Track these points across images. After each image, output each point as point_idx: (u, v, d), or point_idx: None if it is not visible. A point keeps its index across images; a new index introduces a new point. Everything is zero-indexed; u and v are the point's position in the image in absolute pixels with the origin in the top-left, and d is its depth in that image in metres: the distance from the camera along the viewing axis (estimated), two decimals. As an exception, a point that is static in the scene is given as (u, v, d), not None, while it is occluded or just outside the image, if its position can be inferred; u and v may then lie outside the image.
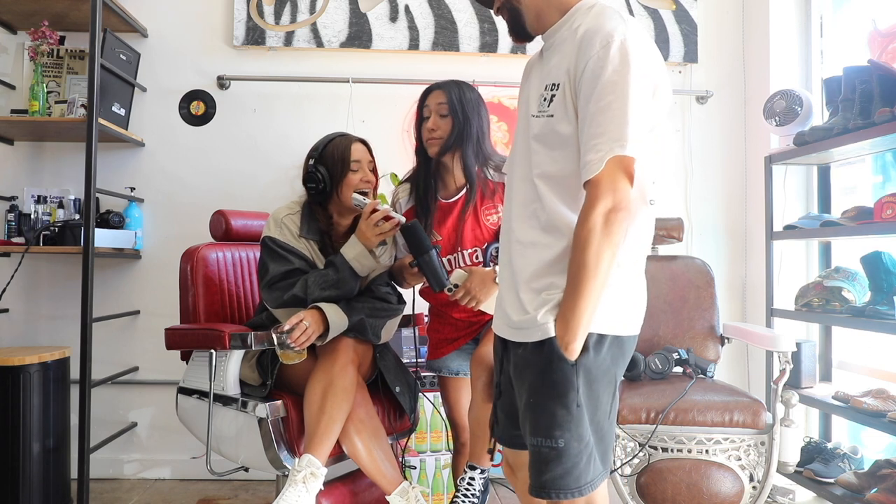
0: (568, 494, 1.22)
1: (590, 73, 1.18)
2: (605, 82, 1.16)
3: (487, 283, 1.86)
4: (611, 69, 1.16)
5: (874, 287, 2.25)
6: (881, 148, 2.36)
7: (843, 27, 2.81)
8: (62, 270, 2.86)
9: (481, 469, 1.91)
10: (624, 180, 1.16)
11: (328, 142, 1.96)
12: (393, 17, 2.94)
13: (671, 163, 3.08)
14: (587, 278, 1.16)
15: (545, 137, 1.27)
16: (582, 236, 1.17)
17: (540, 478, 1.24)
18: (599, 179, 1.16)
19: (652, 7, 3.02)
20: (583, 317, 1.18)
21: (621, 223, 1.16)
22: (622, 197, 1.15)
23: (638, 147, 1.16)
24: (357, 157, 1.94)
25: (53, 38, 2.61)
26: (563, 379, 1.21)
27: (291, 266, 1.90)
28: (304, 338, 1.79)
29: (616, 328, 1.26)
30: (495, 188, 1.98)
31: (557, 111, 1.25)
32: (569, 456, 1.21)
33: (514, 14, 1.35)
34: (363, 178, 1.94)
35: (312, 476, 1.70)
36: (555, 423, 1.21)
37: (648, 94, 1.21)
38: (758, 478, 2.10)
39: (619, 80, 1.16)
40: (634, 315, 1.32)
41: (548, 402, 1.22)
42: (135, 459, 2.90)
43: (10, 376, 2.30)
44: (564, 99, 1.24)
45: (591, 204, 1.16)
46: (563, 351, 1.19)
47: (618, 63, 1.16)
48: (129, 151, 2.90)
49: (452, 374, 2.07)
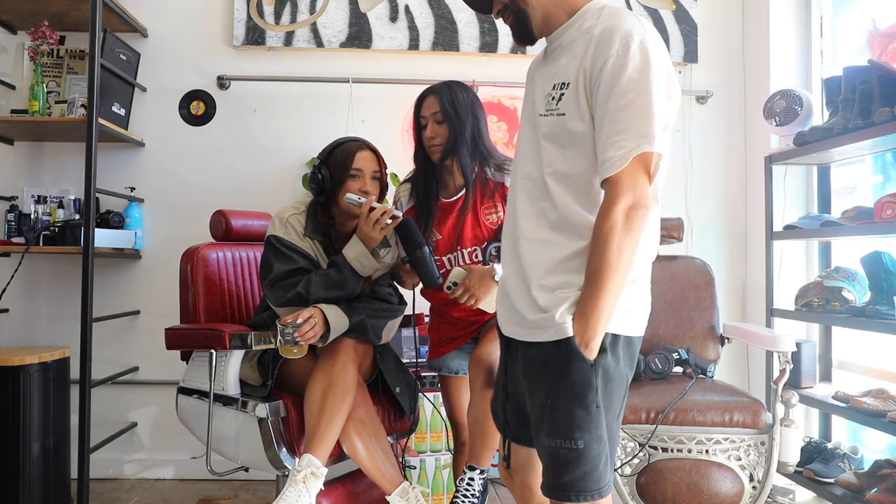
0: (588, 496, 1.21)
1: (609, 70, 1.17)
2: (626, 80, 1.16)
3: (486, 280, 1.86)
4: (632, 67, 1.16)
5: (874, 287, 2.25)
6: (881, 148, 2.36)
7: (843, 27, 2.81)
8: (62, 270, 2.86)
9: (481, 469, 1.91)
10: (643, 177, 1.16)
11: (337, 145, 1.97)
12: (393, 17, 2.94)
13: (671, 163, 3.08)
14: (608, 276, 1.15)
15: (556, 136, 1.26)
16: (603, 233, 1.16)
17: (559, 480, 1.22)
18: (621, 176, 1.15)
19: (652, 7, 3.02)
20: (603, 315, 1.17)
21: (641, 220, 1.16)
22: (642, 194, 1.16)
23: (661, 145, 1.17)
24: (360, 165, 1.93)
25: (53, 38, 2.61)
26: (582, 379, 1.19)
27: (296, 265, 1.90)
28: (312, 333, 1.79)
29: (628, 328, 1.25)
30: (495, 188, 1.98)
31: (569, 109, 1.24)
32: (589, 457, 1.20)
33: (519, 16, 1.33)
34: (361, 187, 1.92)
35: (313, 476, 1.70)
36: (574, 424, 1.20)
37: (666, 94, 1.21)
38: (758, 478, 2.10)
39: (640, 78, 1.16)
40: (644, 315, 1.31)
41: (566, 402, 1.21)
42: (135, 459, 2.90)
43: (10, 376, 2.30)
44: (577, 97, 1.23)
45: (612, 201, 1.16)
46: (583, 350, 1.18)
47: (638, 61, 1.16)
48: (129, 151, 2.90)
49: (452, 374, 2.08)
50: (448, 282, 1.90)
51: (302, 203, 2.01)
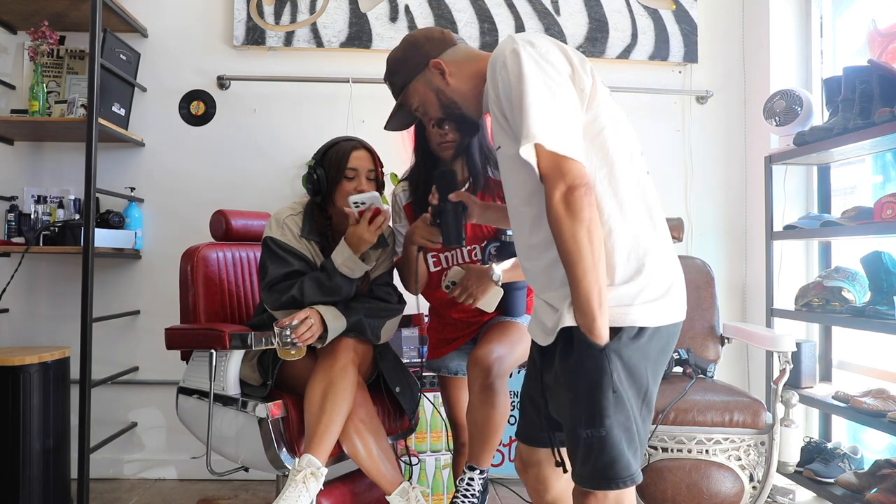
0: (619, 483, 1.22)
1: (503, 92, 1.26)
2: (514, 95, 1.23)
3: (484, 280, 1.86)
4: (513, 80, 1.23)
5: (874, 287, 2.25)
6: (881, 148, 2.36)
7: (843, 27, 2.81)
8: (62, 270, 2.86)
9: (480, 469, 1.91)
10: (566, 161, 1.18)
11: (332, 144, 1.96)
12: (393, 17, 2.94)
13: (671, 163, 3.08)
14: (575, 262, 1.17)
15: (505, 167, 1.36)
16: (553, 227, 1.19)
17: (588, 467, 1.23)
18: (544, 172, 1.19)
19: (652, 7, 3.02)
20: (591, 299, 1.17)
21: (582, 199, 1.16)
22: (574, 175, 1.17)
23: (545, 131, 1.18)
24: (355, 164, 1.91)
25: (53, 38, 2.61)
26: (594, 366, 1.20)
27: (291, 268, 1.89)
28: (309, 334, 1.79)
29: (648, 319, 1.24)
30: (496, 186, 1.98)
31: (502, 140, 1.32)
32: (613, 444, 1.21)
33: (458, 118, 1.52)
34: (357, 187, 1.91)
35: (313, 476, 1.70)
36: (595, 410, 1.21)
37: (560, 80, 1.24)
38: (758, 478, 2.10)
39: (518, 87, 1.22)
40: (666, 303, 1.28)
41: (585, 391, 1.22)
42: (135, 459, 2.90)
43: (10, 376, 2.30)
44: (501, 127, 1.30)
45: (548, 195, 1.19)
46: (589, 336, 1.19)
47: (515, 71, 1.23)
48: (129, 151, 2.91)
49: (451, 374, 2.07)
50: (446, 280, 1.90)
51: (300, 203, 2.00)
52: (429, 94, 1.49)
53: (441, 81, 1.46)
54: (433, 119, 1.56)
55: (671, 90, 3.07)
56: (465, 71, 1.45)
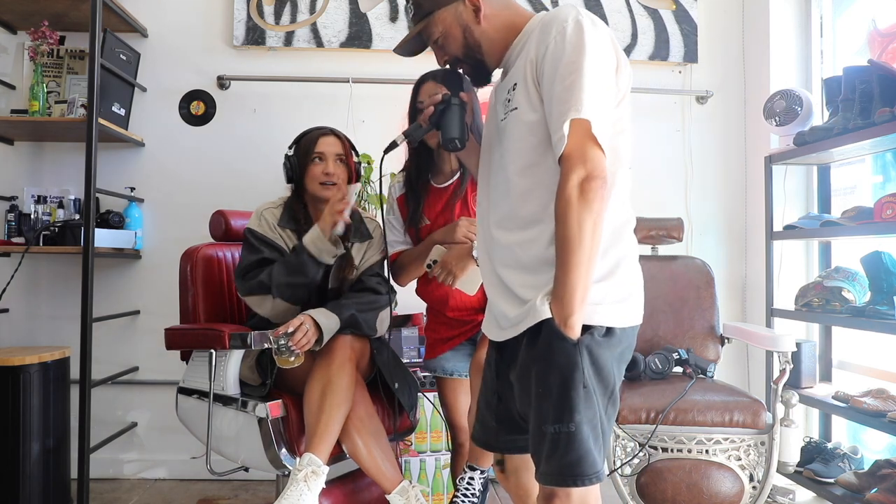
0: (585, 481, 1.19)
1: (550, 56, 1.21)
2: (566, 63, 1.18)
3: (465, 258, 1.85)
4: (570, 49, 1.19)
5: (874, 287, 2.25)
6: (881, 148, 2.36)
7: (843, 27, 2.81)
8: (62, 270, 2.86)
9: (481, 469, 1.91)
10: (594, 149, 1.16)
11: (304, 134, 2.05)
12: (393, 17, 2.94)
13: (671, 163, 3.08)
14: (573, 250, 1.15)
15: (514, 132, 1.29)
16: (561, 209, 1.16)
17: (553, 464, 1.20)
18: (570, 152, 1.16)
19: (652, 7, 3.02)
20: (576, 291, 1.15)
21: (598, 191, 1.15)
22: (594, 165, 1.15)
23: (596, 111, 1.17)
24: (321, 149, 2.00)
25: (53, 38, 2.61)
26: (566, 361, 1.18)
27: (261, 256, 1.95)
28: (306, 340, 1.80)
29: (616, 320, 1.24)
30: None
31: (521, 103, 1.27)
32: (582, 440, 1.19)
33: (474, 64, 1.40)
34: (324, 170, 1.99)
35: (314, 474, 1.70)
36: (565, 406, 1.18)
37: (611, 69, 1.23)
38: (758, 478, 2.10)
39: (576, 59, 1.18)
40: (632, 305, 1.29)
41: (555, 386, 1.19)
42: (135, 459, 2.90)
43: (10, 376, 2.30)
44: (527, 89, 1.26)
45: (565, 177, 1.16)
46: (563, 328, 1.17)
47: (574, 42, 1.19)
48: (129, 151, 2.90)
49: (447, 375, 2.06)
50: (428, 259, 1.90)
51: (282, 198, 2.09)
52: (455, 28, 1.37)
53: (472, 19, 1.35)
54: (450, 56, 1.42)
55: (671, 90, 3.07)
56: (500, 17, 1.36)
